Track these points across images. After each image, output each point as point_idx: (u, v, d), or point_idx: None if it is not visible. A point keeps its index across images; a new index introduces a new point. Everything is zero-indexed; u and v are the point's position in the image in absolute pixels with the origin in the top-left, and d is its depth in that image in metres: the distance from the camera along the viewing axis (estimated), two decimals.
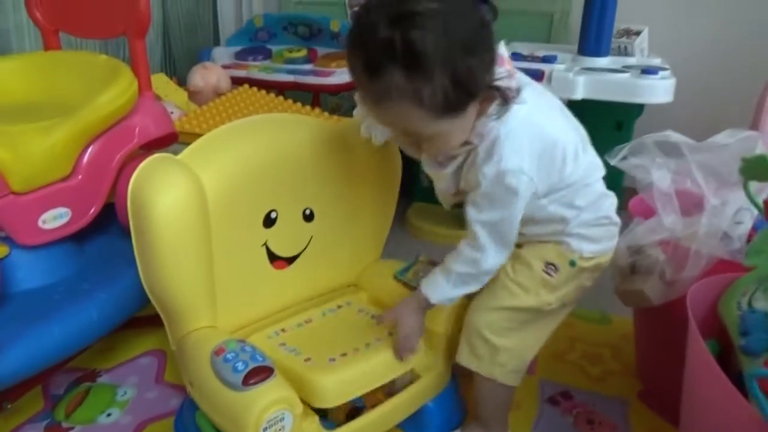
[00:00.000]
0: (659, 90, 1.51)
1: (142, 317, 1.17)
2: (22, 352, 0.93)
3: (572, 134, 0.87)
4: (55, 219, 1.08)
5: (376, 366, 0.91)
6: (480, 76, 0.73)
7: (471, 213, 0.84)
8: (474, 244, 0.85)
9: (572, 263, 0.90)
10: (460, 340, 0.96)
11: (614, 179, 0.98)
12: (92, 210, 1.14)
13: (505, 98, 0.76)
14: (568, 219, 0.88)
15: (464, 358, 0.95)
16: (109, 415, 1.11)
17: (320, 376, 0.86)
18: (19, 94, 1.20)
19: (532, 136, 0.81)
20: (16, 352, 0.92)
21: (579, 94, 1.52)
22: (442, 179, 0.90)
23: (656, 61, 1.68)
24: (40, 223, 1.06)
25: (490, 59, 0.74)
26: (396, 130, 0.79)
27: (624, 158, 1.04)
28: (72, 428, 1.07)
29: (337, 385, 0.86)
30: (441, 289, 0.89)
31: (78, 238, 1.19)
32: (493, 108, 0.77)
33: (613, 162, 1.03)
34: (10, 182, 1.00)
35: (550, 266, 0.90)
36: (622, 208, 0.95)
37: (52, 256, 1.11)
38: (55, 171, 1.07)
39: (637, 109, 1.66)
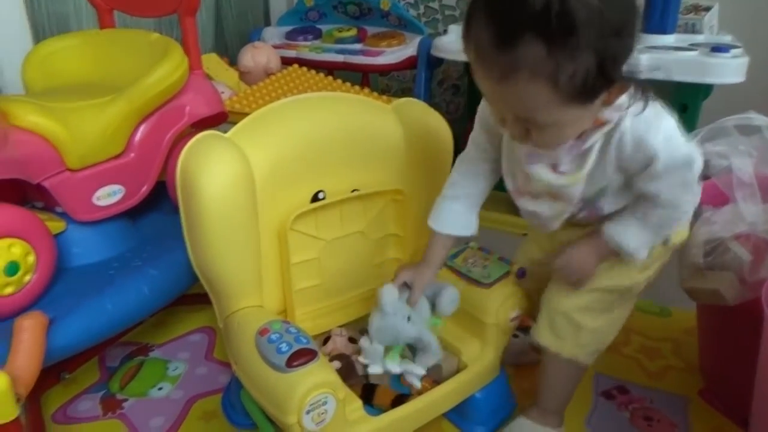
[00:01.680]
0: (730, 69, 1.40)
1: (194, 294, 1.19)
2: (77, 324, 0.95)
3: None
4: (108, 196, 1.10)
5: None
6: (622, 63, 0.66)
7: (651, 188, 0.77)
8: (668, 208, 0.79)
9: (665, 241, 0.86)
10: (538, 320, 0.92)
11: None
12: (144, 187, 1.16)
13: (643, 90, 0.71)
14: None
15: (545, 338, 0.91)
16: (160, 388, 1.13)
17: None
18: (74, 72, 1.22)
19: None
20: (71, 325, 0.95)
21: (642, 74, 1.43)
22: (575, 187, 0.78)
23: (727, 39, 1.57)
24: (94, 200, 1.08)
25: (632, 46, 0.67)
26: (509, 113, 0.71)
27: (700, 144, 0.96)
28: (126, 400, 1.10)
29: None
30: (635, 235, 0.81)
31: (131, 215, 1.21)
32: (623, 99, 0.71)
33: None
34: (66, 159, 1.02)
35: None
36: None
37: (107, 233, 1.14)
38: (109, 148, 1.08)
39: (705, 90, 1.55)
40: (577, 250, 0.86)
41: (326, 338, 0.99)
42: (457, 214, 0.93)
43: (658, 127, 0.73)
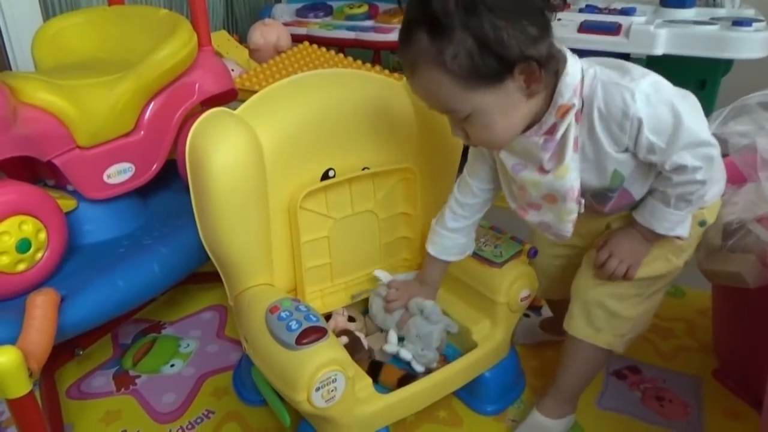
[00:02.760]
0: (753, 44, 1.37)
1: (205, 273, 1.19)
2: (89, 302, 0.96)
3: None
4: (119, 174, 1.10)
5: None
6: (513, 42, 0.66)
7: (658, 159, 0.74)
8: (683, 173, 0.75)
9: (702, 223, 0.85)
10: (571, 311, 0.90)
11: None
12: (155, 165, 1.16)
13: (554, 72, 0.71)
14: None
15: (579, 330, 0.89)
16: (172, 365, 1.14)
17: None
18: (84, 48, 1.22)
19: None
20: (82, 302, 0.95)
21: (660, 49, 1.40)
22: (565, 178, 0.76)
23: (749, 12, 1.53)
24: (105, 178, 1.08)
25: (535, 31, 0.67)
26: (432, 104, 0.75)
27: (724, 124, 0.93)
28: (138, 376, 1.11)
29: None
30: (664, 215, 0.79)
31: (142, 193, 1.21)
32: (574, 79, 0.71)
33: (711, 129, 0.93)
34: (76, 137, 1.02)
35: None
36: None
37: (117, 211, 1.14)
38: (119, 126, 1.08)
39: (725, 65, 1.52)
40: (623, 238, 0.85)
41: (327, 316, 0.99)
42: (458, 244, 0.94)
43: (631, 90, 0.70)
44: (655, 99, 0.71)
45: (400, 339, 0.95)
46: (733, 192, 0.94)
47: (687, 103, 0.74)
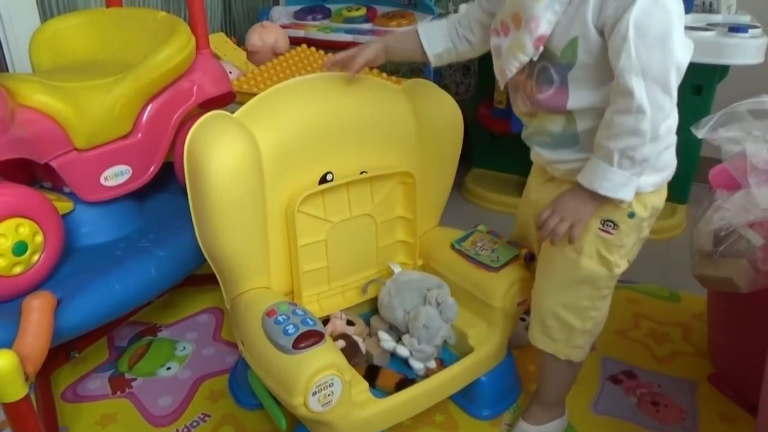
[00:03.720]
0: (748, 50, 1.37)
1: (202, 275, 1.19)
2: (85, 304, 0.96)
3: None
4: (116, 176, 1.10)
5: None
6: None
7: (619, 63, 0.69)
8: (627, 105, 0.70)
9: (631, 215, 0.81)
10: (531, 322, 0.91)
11: (690, 147, 0.88)
12: (152, 168, 1.16)
13: None
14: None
15: (539, 341, 0.90)
16: (168, 368, 1.14)
17: None
18: (81, 50, 1.21)
19: None
20: (79, 305, 0.95)
21: None
22: (532, 8, 0.73)
23: (745, 19, 1.53)
24: (102, 180, 1.08)
25: None
26: None
27: (713, 130, 0.94)
28: (134, 379, 1.11)
29: None
30: (606, 174, 0.74)
31: (139, 196, 1.21)
32: None
33: (700, 135, 0.93)
34: (73, 139, 1.02)
35: (608, 223, 0.81)
36: (700, 180, 0.86)
37: (114, 214, 1.14)
38: (116, 128, 1.08)
39: (721, 71, 1.52)
40: (566, 197, 0.80)
41: (325, 320, 0.99)
42: (441, 33, 0.92)
43: None
44: (666, 3, 0.67)
45: (398, 340, 0.96)
46: (725, 198, 0.94)
47: (685, 49, 0.70)
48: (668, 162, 0.82)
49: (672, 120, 0.77)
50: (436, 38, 0.92)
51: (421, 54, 0.93)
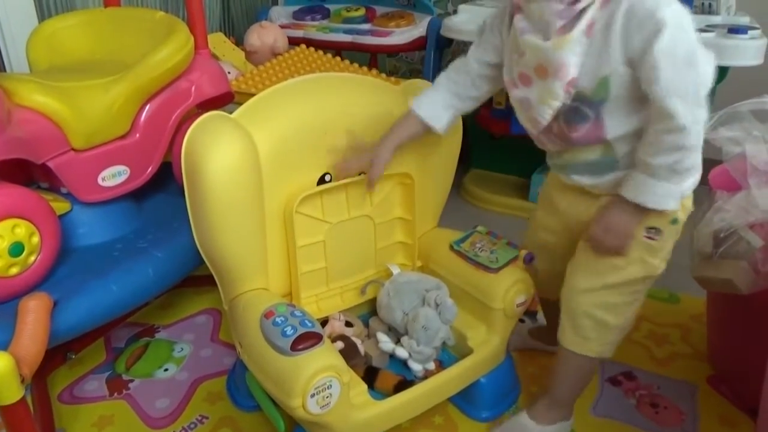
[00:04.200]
0: (748, 51, 1.37)
1: (199, 276, 1.18)
2: (82, 306, 0.95)
3: None
4: (114, 177, 1.10)
5: None
6: None
7: (654, 89, 0.71)
8: (669, 125, 0.72)
9: (674, 221, 0.83)
10: (561, 323, 0.91)
11: None
12: (150, 168, 1.15)
13: None
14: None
15: (570, 342, 0.90)
16: (166, 370, 1.13)
17: None
18: (79, 50, 1.21)
19: None
20: (75, 306, 0.94)
21: None
22: (563, 51, 0.74)
23: (744, 20, 1.53)
24: (99, 181, 1.08)
25: None
26: None
27: (714, 129, 0.94)
28: (131, 381, 1.11)
29: None
30: (652, 187, 0.76)
31: (137, 197, 1.20)
32: None
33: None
34: (71, 139, 1.02)
35: (652, 230, 0.83)
36: (700, 181, 0.86)
37: (112, 214, 1.14)
38: (114, 128, 1.08)
39: (720, 72, 1.52)
40: (612, 213, 0.82)
41: (323, 321, 0.99)
42: (434, 101, 0.92)
43: (668, 2, 0.69)
44: (686, 25, 0.70)
45: (397, 342, 0.95)
46: (725, 199, 0.94)
47: (708, 62, 0.72)
48: (699, 163, 0.81)
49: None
50: (437, 113, 0.93)
51: (429, 130, 0.94)
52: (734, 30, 1.38)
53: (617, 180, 0.81)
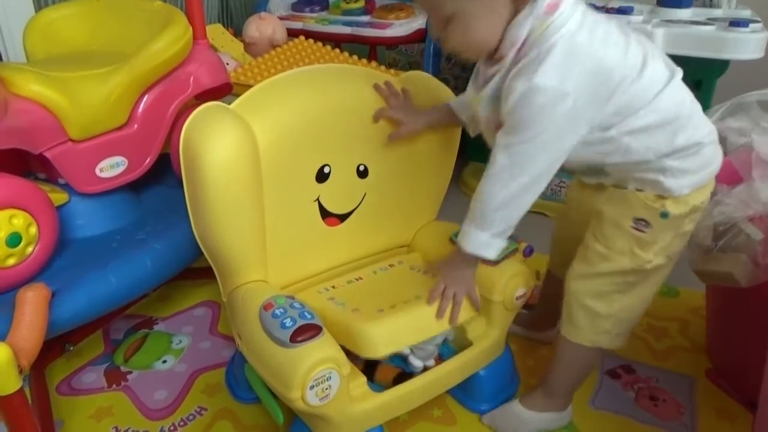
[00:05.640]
0: (749, 44, 1.36)
1: (198, 268, 1.18)
2: (80, 297, 0.95)
3: (634, 51, 0.76)
4: (112, 168, 1.09)
5: (427, 316, 0.88)
6: None
7: (497, 137, 0.76)
8: (485, 172, 0.77)
9: (663, 215, 0.80)
10: (562, 313, 0.91)
11: None
12: (148, 160, 1.15)
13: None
14: (654, 148, 0.77)
15: (564, 329, 0.91)
16: (164, 362, 1.13)
17: (368, 324, 0.84)
18: (76, 40, 1.20)
19: (582, 53, 0.71)
20: (74, 297, 0.94)
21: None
22: (480, 106, 0.81)
23: (746, 13, 1.52)
24: (97, 171, 1.07)
25: None
26: (430, 13, 0.79)
27: (721, 119, 0.93)
28: (130, 372, 1.10)
29: (385, 334, 0.84)
30: (469, 235, 0.82)
31: (135, 188, 1.20)
32: (530, 9, 0.71)
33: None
34: (68, 129, 1.01)
35: (640, 222, 0.81)
36: None
37: (110, 205, 1.13)
38: (112, 119, 1.07)
39: (721, 66, 1.52)
40: (447, 258, 0.89)
41: None
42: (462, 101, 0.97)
43: (535, 72, 0.70)
44: (531, 94, 0.70)
45: None
46: (725, 192, 0.94)
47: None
48: (704, 162, 0.81)
49: (690, 131, 0.79)
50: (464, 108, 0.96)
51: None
52: (735, 23, 1.38)
53: (617, 180, 0.83)
